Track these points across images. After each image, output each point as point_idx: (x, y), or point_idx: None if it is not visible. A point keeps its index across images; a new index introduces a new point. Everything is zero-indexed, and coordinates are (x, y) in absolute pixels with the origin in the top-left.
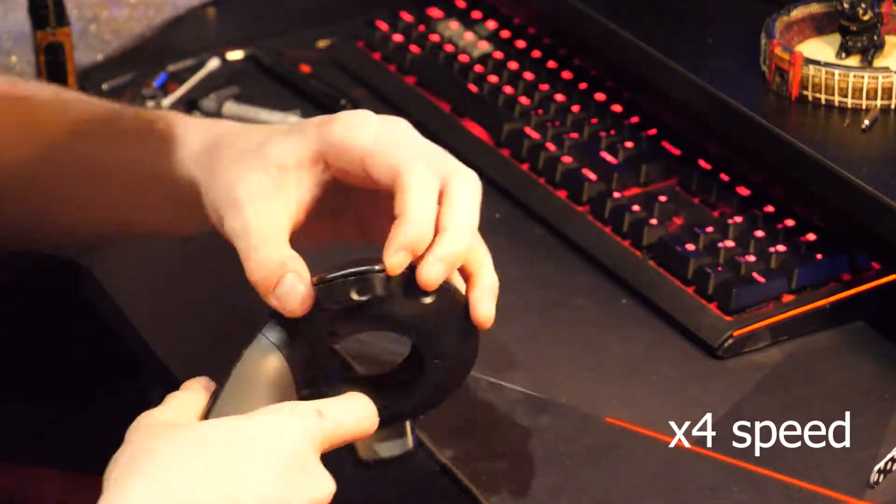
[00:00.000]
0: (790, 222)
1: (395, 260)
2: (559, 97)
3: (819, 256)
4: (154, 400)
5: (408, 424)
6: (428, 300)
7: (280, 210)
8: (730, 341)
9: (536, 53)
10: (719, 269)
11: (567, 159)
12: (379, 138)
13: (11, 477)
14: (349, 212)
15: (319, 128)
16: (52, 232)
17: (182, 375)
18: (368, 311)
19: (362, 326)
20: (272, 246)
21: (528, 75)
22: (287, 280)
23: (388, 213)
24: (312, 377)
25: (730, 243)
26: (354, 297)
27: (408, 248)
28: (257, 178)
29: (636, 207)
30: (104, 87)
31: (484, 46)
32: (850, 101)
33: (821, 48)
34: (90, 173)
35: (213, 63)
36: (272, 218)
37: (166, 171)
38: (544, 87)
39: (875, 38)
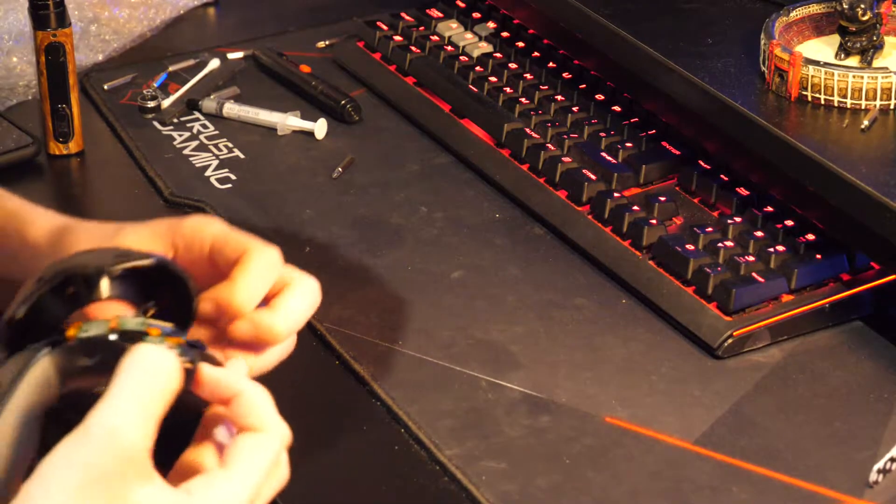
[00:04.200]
0: (790, 222)
1: (203, 305)
2: (559, 98)
3: (818, 256)
4: None
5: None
6: None
7: None
8: (730, 341)
9: (537, 54)
10: (719, 269)
11: (567, 159)
12: (227, 230)
13: None
14: None
15: (170, 221)
16: None
17: None
18: None
19: None
20: None
21: (529, 76)
22: None
23: None
24: None
25: (729, 243)
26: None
27: (219, 302)
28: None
29: (636, 207)
30: (105, 87)
31: (484, 47)
32: (849, 102)
33: (820, 49)
34: None
35: (213, 63)
36: None
37: None
38: (545, 87)
39: (874, 38)
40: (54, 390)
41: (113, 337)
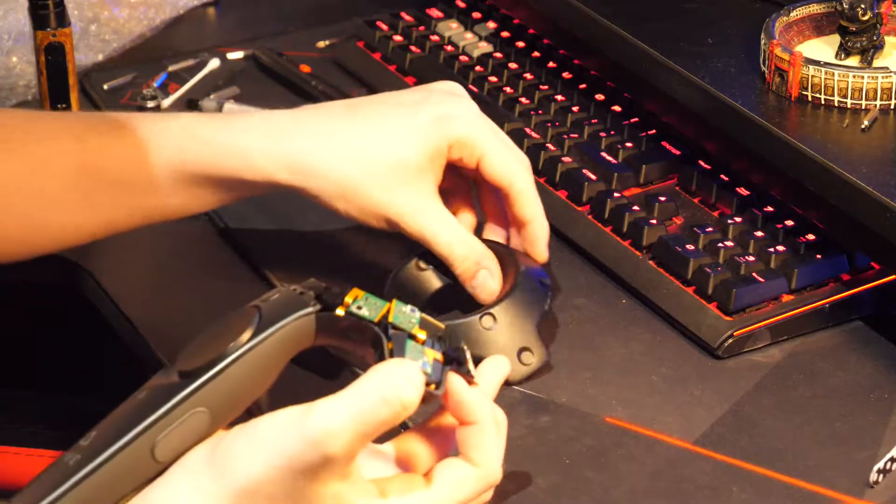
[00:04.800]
0: (790, 222)
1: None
2: (559, 97)
3: (819, 256)
4: None
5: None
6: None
7: (437, 202)
8: (730, 341)
9: (536, 54)
10: (719, 269)
11: (567, 159)
12: (490, 138)
13: (13, 456)
14: None
15: (439, 126)
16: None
17: None
18: None
19: None
20: (465, 244)
21: (529, 76)
22: (481, 275)
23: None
24: None
25: (730, 243)
26: None
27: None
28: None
29: (636, 207)
30: (105, 87)
31: (484, 47)
32: (849, 102)
33: (820, 48)
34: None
35: (213, 63)
36: (442, 212)
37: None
38: (544, 87)
39: (874, 38)
40: (306, 344)
41: (377, 328)
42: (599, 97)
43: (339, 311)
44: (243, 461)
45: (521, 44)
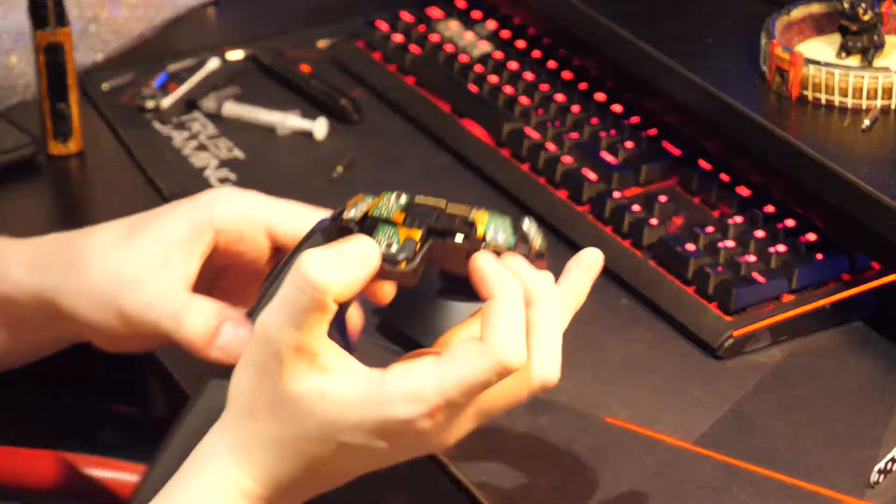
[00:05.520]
0: (790, 222)
1: None
2: (559, 97)
3: (819, 256)
4: (153, 393)
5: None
6: None
7: (177, 277)
8: (730, 341)
9: (536, 53)
10: (719, 269)
11: (567, 159)
12: (265, 201)
13: (9, 458)
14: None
15: (201, 205)
16: None
17: (180, 373)
18: None
19: None
20: (195, 305)
21: (529, 75)
22: (226, 328)
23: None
24: None
25: (730, 243)
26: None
27: None
28: (146, 255)
29: (636, 207)
30: (104, 86)
31: (484, 46)
32: (850, 101)
33: (821, 48)
34: None
35: (213, 63)
36: (177, 283)
37: None
38: (544, 87)
39: (875, 38)
40: None
41: (354, 225)
42: (599, 97)
43: (338, 221)
44: (234, 381)
45: (521, 43)
